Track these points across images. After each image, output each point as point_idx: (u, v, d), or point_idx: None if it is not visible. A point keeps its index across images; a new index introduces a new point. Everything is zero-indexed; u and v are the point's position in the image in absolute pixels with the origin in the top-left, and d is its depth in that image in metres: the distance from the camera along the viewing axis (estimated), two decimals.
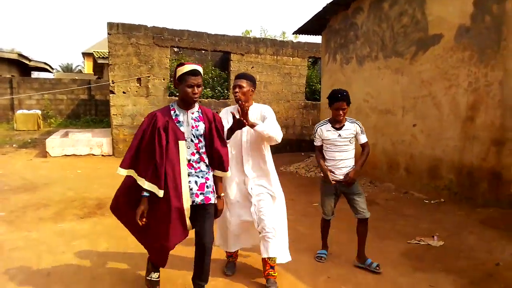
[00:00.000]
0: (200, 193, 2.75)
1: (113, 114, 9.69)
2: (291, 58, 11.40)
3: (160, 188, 2.59)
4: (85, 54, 31.30)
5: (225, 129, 3.01)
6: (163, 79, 10.00)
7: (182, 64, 2.71)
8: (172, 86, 10.19)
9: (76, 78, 20.68)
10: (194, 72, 2.67)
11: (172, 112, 2.76)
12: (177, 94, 11.03)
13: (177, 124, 2.71)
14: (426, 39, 6.19)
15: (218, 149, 2.82)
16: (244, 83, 3.18)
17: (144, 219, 2.64)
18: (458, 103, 5.66)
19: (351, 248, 4.05)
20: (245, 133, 3.27)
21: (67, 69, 43.65)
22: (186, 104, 2.74)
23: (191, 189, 2.71)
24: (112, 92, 9.60)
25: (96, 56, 16.86)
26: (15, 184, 6.82)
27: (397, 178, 6.88)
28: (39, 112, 15.10)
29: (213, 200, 2.82)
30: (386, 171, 7.15)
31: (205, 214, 2.79)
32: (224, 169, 2.88)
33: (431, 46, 6.11)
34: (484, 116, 5.29)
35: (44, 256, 3.81)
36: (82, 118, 17.08)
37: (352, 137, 3.65)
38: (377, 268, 3.53)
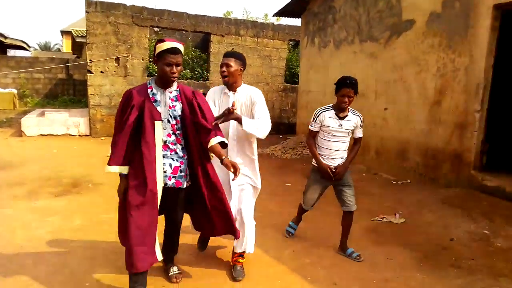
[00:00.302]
0: (173, 176, 2.69)
1: (91, 94, 9.61)
2: (271, 40, 11.44)
3: (119, 164, 2.55)
4: (64, 32, 30.51)
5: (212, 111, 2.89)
6: (142, 59, 9.94)
7: (162, 41, 2.55)
8: (151, 66, 10.14)
9: (54, 57, 20.22)
10: (174, 50, 2.51)
11: (149, 90, 2.63)
12: (155, 74, 10.50)
13: (154, 104, 2.60)
14: (399, 24, 6.34)
15: (203, 123, 2.70)
16: (232, 61, 3.03)
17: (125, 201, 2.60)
18: (427, 88, 5.86)
19: (320, 224, 4.25)
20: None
21: (45, 47, 42.50)
22: (164, 83, 2.64)
23: (165, 172, 2.65)
24: (90, 72, 9.51)
25: (75, 35, 16.49)
26: None
27: (368, 160, 7.11)
28: (15, 91, 14.80)
29: (184, 184, 2.77)
30: (358, 153, 7.36)
31: (176, 198, 2.79)
32: (215, 135, 2.72)
33: (404, 31, 6.27)
34: (449, 100, 5.51)
35: (17, 232, 3.88)
36: (60, 97, 16.79)
37: (352, 130, 3.51)
38: (358, 257, 3.54)
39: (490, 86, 5.13)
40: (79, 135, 9.78)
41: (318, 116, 3.53)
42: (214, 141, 2.71)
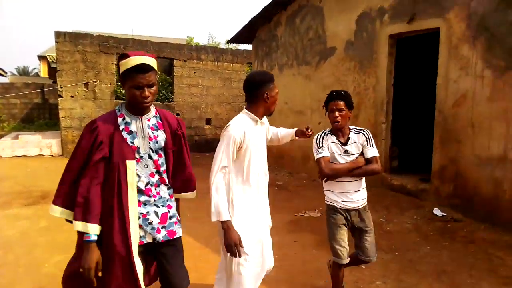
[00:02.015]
0: (162, 227, 2.11)
1: (62, 117, 10.41)
2: (231, 64, 12.50)
3: (89, 221, 1.92)
4: (41, 57, 31.16)
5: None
6: (110, 84, 10.82)
7: (125, 56, 1.95)
8: (119, 90, 11.00)
9: (29, 82, 20.84)
10: (143, 68, 1.92)
11: (119, 119, 2.03)
12: (123, 98, 11.69)
13: (127, 136, 2.01)
14: (325, 51, 7.43)
15: (188, 165, 2.28)
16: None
17: (99, 273, 1.94)
18: None
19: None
20: (264, 144, 2.68)
21: (23, 72, 42.95)
22: (136, 110, 2.05)
23: (150, 223, 2.06)
24: (61, 96, 10.33)
25: (50, 60, 17.26)
26: None
27: (309, 168, 8.08)
28: None
29: (179, 232, 2.21)
30: (301, 163, 8.36)
31: (171, 251, 2.17)
32: (193, 189, 2.35)
33: (329, 56, 7.35)
34: (363, 114, 6.57)
35: None
36: (36, 121, 17.42)
37: (359, 153, 2.84)
38: None
39: (392, 102, 6.22)
40: (52, 155, 10.51)
41: (321, 139, 2.91)
42: (188, 195, 2.33)
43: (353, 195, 2.83)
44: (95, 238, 1.93)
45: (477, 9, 4.81)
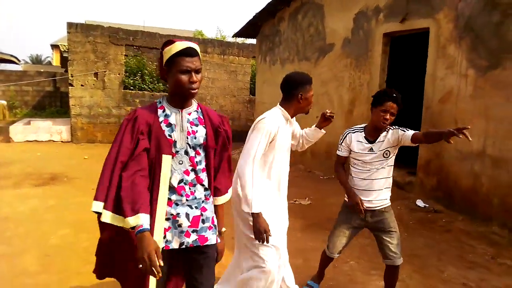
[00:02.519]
0: (193, 231, 1.93)
1: (72, 105, 10.83)
2: (236, 57, 12.79)
3: (139, 212, 1.71)
4: (54, 46, 31.79)
5: (264, 142, 2.43)
6: (118, 74, 11.19)
7: (170, 42, 1.85)
8: (127, 80, 11.37)
9: (42, 70, 21.35)
10: (190, 52, 1.81)
11: (160, 111, 1.92)
12: (131, 88, 12.21)
13: (165, 128, 1.89)
14: (324, 47, 7.70)
15: (226, 168, 2.10)
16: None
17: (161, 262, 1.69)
18: (343, 99, 7.20)
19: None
20: (289, 144, 2.73)
21: (37, 60, 43.71)
22: (180, 99, 1.92)
23: (179, 225, 1.90)
24: (71, 85, 10.74)
25: (62, 50, 17.72)
26: None
27: (305, 160, 8.39)
28: (4, 102, 15.91)
29: (213, 239, 1.99)
30: (298, 154, 8.63)
31: (201, 259, 1.97)
32: (228, 192, 2.14)
33: (328, 52, 7.62)
34: (358, 109, 6.84)
35: (4, 209, 5.07)
36: (48, 109, 17.93)
37: (387, 150, 2.79)
38: None
39: None
40: (62, 141, 10.96)
41: (344, 138, 2.96)
42: (223, 199, 2.12)
43: (368, 197, 2.82)
44: (148, 226, 1.71)
45: (464, 11, 5.05)
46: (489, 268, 3.83)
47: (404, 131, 2.75)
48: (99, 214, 1.75)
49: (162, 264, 1.66)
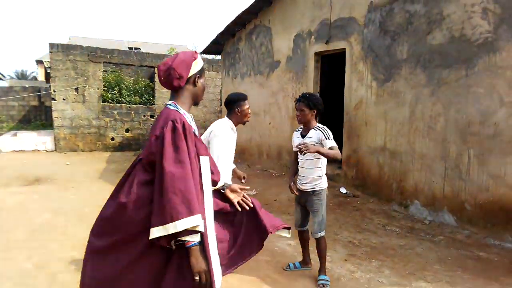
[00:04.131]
0: None
1: (55, 117, 11.88)
2: (207, 71, 14.02)
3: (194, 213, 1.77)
4: (39, 62, 32.68)
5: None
6: (97, 89, 12.29)
7: (197, 53, 2.10)
8: (105, 94, 12.45)
9: (27, 86, 22.26)
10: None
11: (186, 116, 2.01)
12: (110, 101, 13.33)
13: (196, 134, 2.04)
14: (273, 63, 8.97)
15: None
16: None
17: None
18: (289, 107, 8.44)
19: None
20: (233, 147, 3.53)
21: (22, 75, 44.31)
22: (191, 105, 2.13)
23: None
24: (54, 99, 11.80)
25: (46, 66, 18.75)
26: None
27: (263, 161, 9.59)
28: None
29: None
30: (257, 157, 9.86)
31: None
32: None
33: (275, 68, 8.88)
34: None
35: None
36: (33, 122, 18.81)
37: (317, 143, 3.37)
38: (321, 286, 3.46)
39: None
40: (46, 151, 11.96)
41: (293, 136, 3.75)
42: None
43: (302, 181, 3.56)
44: (199, 239, 1.80)
45: (367, 36, 6.35)
46: (375, 232, 5.05)
47: (328, 138, 3.36)
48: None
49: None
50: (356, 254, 4.27)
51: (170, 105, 2.02)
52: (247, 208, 2.35)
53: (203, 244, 1.83)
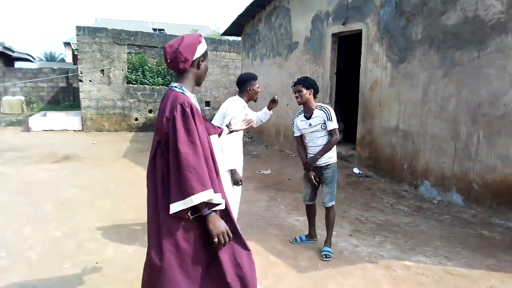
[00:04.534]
0: None
1: (82, 98, 12.38)
2: (228, 53, 14.18)
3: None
4: (66, 44, 33.52)
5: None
6: (122, 70, 12.68)
7: (201, 38, 2.23)
8: (129, 75, 12.83)
9: (55, 68, 23.00)
10: None
11: (191, 97, 2.15)
12: (133, 82, 13.82)
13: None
14: (291, 45, 9.05)
15: None
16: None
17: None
18: None
19: None
20: None
21: (51, 57, 45.56)
22: (199, 83, 2.28)
23: None
24: (81, 81, 12.27)
25: (73, 48, 19.31)
26: (8, 147, 9.51)
27: (280, 142, 9.78)
28: (22, 98, 17.57)
29: None
30: (274, 137, 10.06)
31: None
32: None
33: (294, 49, 8.97)
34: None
35: (29, 177, 6.59)
36: (61, 103, 19.55)
37: (322, 123, 3.64)
38: (324, 257, 3.69)
39: (335, 86, 7.83)
40: (74, 130, 12.52)
41: (293, 122, 3.94)
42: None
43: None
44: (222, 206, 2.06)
45: (383, 17, 6.36)
46: (383, 210, 5.21)
47: (330, 120, 3.62)
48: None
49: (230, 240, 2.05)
50: (361, 230, 4.46)
51: (176, 87, 2.13)
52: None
53: (226, 209, 2.11)
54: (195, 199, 1.91)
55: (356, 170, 6.91)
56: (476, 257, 3.76)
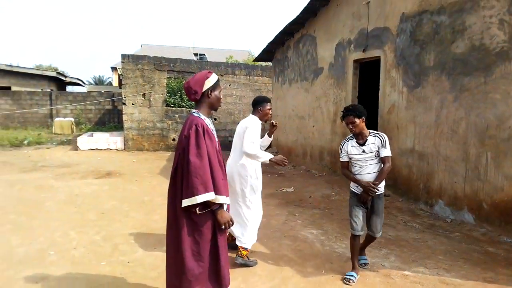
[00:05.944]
0: None
1: (125, 120, 13.39)
2: (260, 77, 14.86)
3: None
4: (114, 69, 35.81)
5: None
6: (161, 94, 13.64)
7: (210, 73, 2.78)
8: (168, 99, 13.75)
9: (103, 91, 24.68)
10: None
11: (206, 120, 2.72)
12: (172, 105, 15.08)
13: (214, 133, 2.75)
14: (317, 70, 9.54)
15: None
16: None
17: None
18: (330, 111, 8.97)
19: None
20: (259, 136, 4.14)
21: (99, 81, 48.54)
22: (214, 110, 2.84)
23: None
24: (124, 104, 13.31)
25: (119, 73, 20.75)
26: (57, 163, 10.51)
27: (306, 162, 10.18)
28: (72, 119, 19.03)
29: None
30: (301, 157, 10.47)
31: None
32: None
33: (319, 74, 9.45)
34: (339, 119, 8.58)
35: (76, 190, 7.38)
36: (107, 124, 20.94)
37: (377, 151, 3.57)
38: (363, 265, 3.96)
39: None
40: (117, 149, 13.51)
41: (342, 147, 3.73)
42: None
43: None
44: (219, 204, 2.65)
45: (399, 44, 6.74)
46: (394, 227, 5.48)
47: (384, 147, 3.57)
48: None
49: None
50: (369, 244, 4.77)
51: (194, 112, 2.73)
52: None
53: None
54: (198, 199, 2.50)
55: None
56: (475, 270, 3.99)
